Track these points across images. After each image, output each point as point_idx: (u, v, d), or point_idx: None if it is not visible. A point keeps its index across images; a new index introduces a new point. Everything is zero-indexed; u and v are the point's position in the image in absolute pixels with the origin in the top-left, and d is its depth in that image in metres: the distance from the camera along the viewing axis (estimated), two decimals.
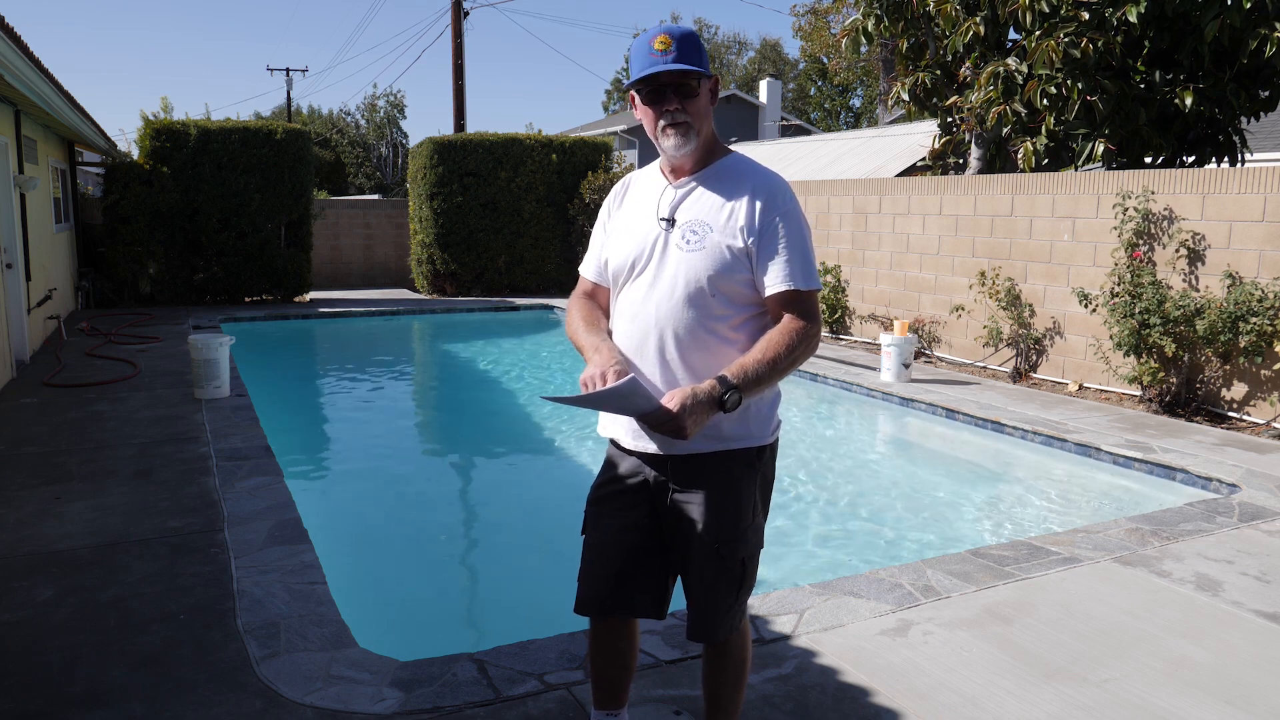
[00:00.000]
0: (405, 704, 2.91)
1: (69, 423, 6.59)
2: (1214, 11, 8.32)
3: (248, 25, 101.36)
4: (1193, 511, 4.93)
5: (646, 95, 2.18)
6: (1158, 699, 3.03)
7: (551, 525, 5.45)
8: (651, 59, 2.15)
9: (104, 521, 4.54)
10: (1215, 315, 6.87)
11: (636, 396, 2.00)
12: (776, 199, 2.19)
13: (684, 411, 1.99)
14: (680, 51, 2.14)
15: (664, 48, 2.14)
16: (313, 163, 14.76)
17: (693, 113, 2.17)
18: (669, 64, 2.13)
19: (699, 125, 2.19)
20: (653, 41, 2.15)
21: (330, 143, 49.40)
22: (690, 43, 2.16)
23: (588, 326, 2.33)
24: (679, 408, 1.99)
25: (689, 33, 2.18)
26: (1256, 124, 11.97)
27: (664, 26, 2.18)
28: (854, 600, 3.72)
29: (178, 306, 13.83)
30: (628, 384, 1.98)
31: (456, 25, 19.91)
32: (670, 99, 2.16)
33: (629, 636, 2.50)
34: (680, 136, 2.19)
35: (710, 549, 2.23)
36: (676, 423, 2.00)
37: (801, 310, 2.16)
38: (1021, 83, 9.45)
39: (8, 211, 8.75)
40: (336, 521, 5.36)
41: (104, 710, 2.87)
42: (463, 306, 14.56)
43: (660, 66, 2.14)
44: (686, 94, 2.16)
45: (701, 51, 2.18)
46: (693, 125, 2.18)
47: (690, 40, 2.17)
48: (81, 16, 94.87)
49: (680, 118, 2.17)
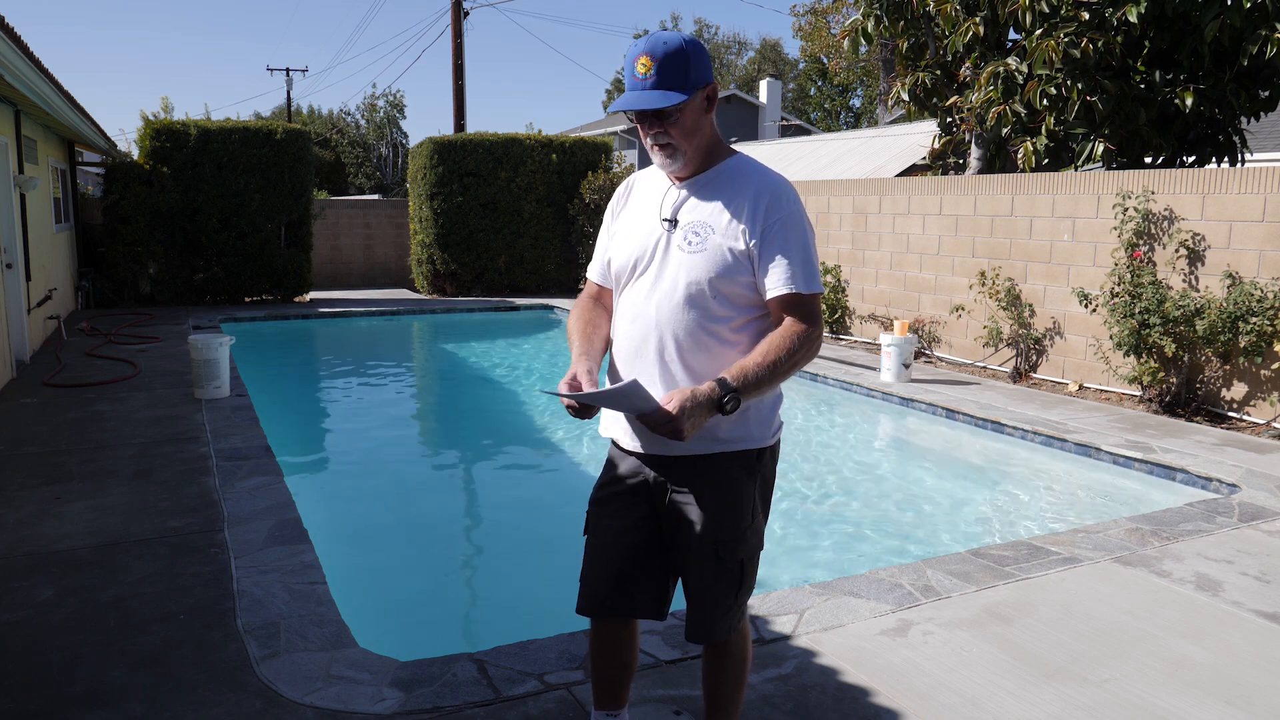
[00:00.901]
0: (405, 704, 2.91)
1: (69, 423, 6.59)
2: (1214, 11, 8.32)
3: (248, 25, 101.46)
4: (1193, 511, 4.93)
5: (632, 115, 2.18)
6: (1158, 699, 3.03)
7: (551, 525, 5.45)
8: (633, 81, 2.12)
9: (104, 521, 4.54)
10: (1215, 315, 6.87)
11: (636, 397, 2.01)
12: (780, 201, 2.18)
13: (683, 413, 1.98)
14: (660, 76, 2.09)
15: (645, 71, 2.10)
16: (313, 163, 14.76)
17: (676, 135, 2.14)
18: (645, 93, 2.10)
19: (685, 144, 2.16)
20: (635, 62, 2.11)
21: (330, 143, 49.41)
22: (672, 63, 2.09)
23: (580, 332, 2.35)
24: (678, 409, 1.99)
25: (673, 51, 2.10)
26: (1256, 124, 11.97)
27: (649, 41, 2.11)
28: (854, 600, 3.72)
29: (178, 306, 13.84)
30: (629, 384, 1.98)
31: (456, 25, 19.91)
32: (652, 124, 2.15)
33: (629, 637, 2.50)
34: (666, 156, 2.18)
35: (709, 550, 2.23)
36: (675, 424, 1.99)
37: (803, 314, 2.15)
38: (1021, 83, 9.45)
39: (8, 211, 8.75)
40: (336, 521, 5.36)
41: (104, 710, 2.87)
42: (463, 306, 14.56)
43: (634, 98, 2.11)
44: (667, 118, 2.13)
45: (686, 70, 2.11)
46: (678, 146, 2.16)
47: (673, 60, 2.09)
48: (81, 16, 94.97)
49: (663, 139, 2.15)
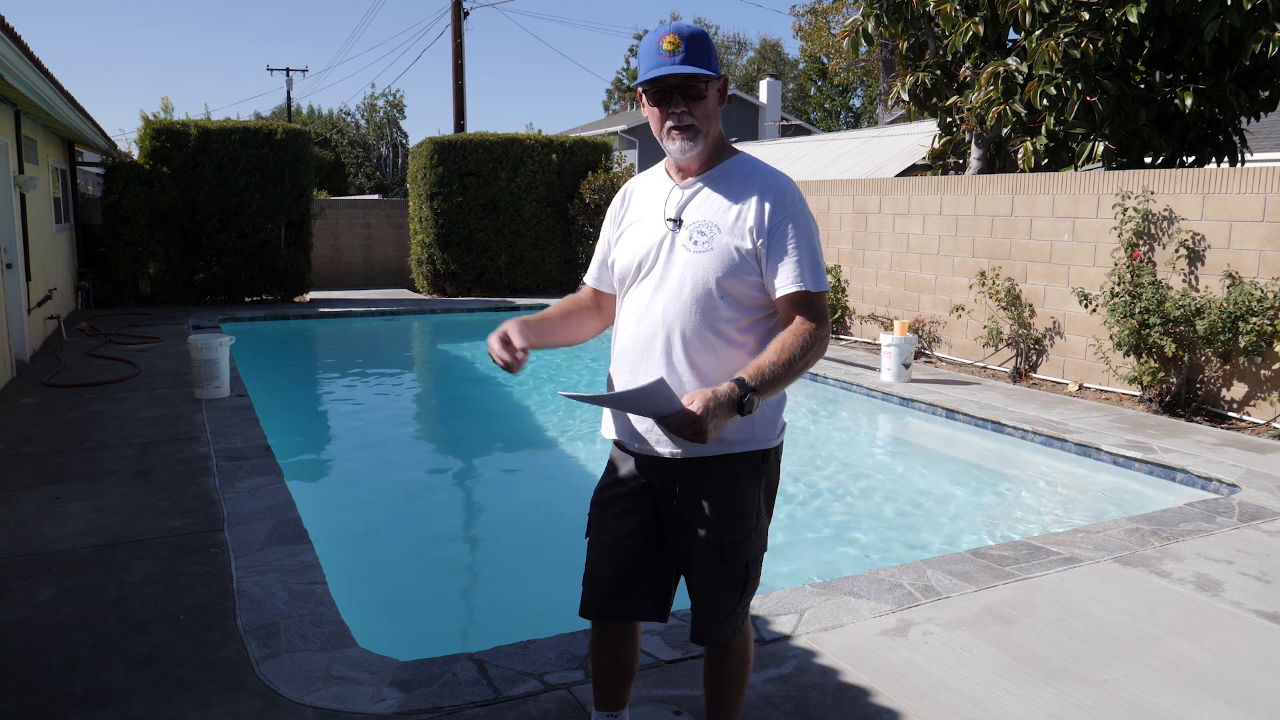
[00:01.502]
0: (405, 704, 2.91)
1: (69, 423, 6.59)
2: (1214, 11, 8.32)
3: (248, 25, 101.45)
4: (1193, 511, 4.93)
5: (653, 96, 2.16)
6: (1158, 699, 3.03)
7: (551, 525, 5.45)
8: (659, 59, 2.12)
9: (104, 521, 4.54)
10: (1215, 315, 6.87)
11: (660, 397, 1.96)
12: (786, 200, 2.17)
13: (706, 414, 1.94)
14: (689, 52, 2.11)
15: (672, 48, 2.10)
16: (313, 163, 14.76)
17: (699, 115, 2.15)
18: (676, 66, 2.10)
19: (706, 128, 2.17)
20: (661, 41, 2.12)
21: (330, 143, 49.39)
22: (699, 43, 2.13)
23: (550, 310, 2.42)
24: (701, 410, 1.94)
25: (699, 32, 2.14)
26: (1256, 124, 11.97)
27: (674, 25, 2.15)
28: (854, 600, 3.72)
29: (178, 306, 13.84)
30: (655, 384, 1.94)
31: (456, 25, 19.91)
32: (677, 101, 2.14)
33: (631, 639, 2.49)
34: (687, 140, 2.16)
35: (714, 552, 2.22)
36: (698, 425, 1.95)
37: (812, 312, 2.15)
38: (1021, 83, 9.45)
39: (8, 211, 8.75)
40: (336, 521, 5.36)
41: (104, 710, 2.87)
42: (463, 306, 14.56)
43: (667, 69, 2.11)
44: (694, 96, 2.13)
45: (711, 52, 2.15)
46: (699, 128, 2.15)
47: (699, 40, 2.13)
48: (81, 16, 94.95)
49: (687, 120, 2.14)
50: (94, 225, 14.11)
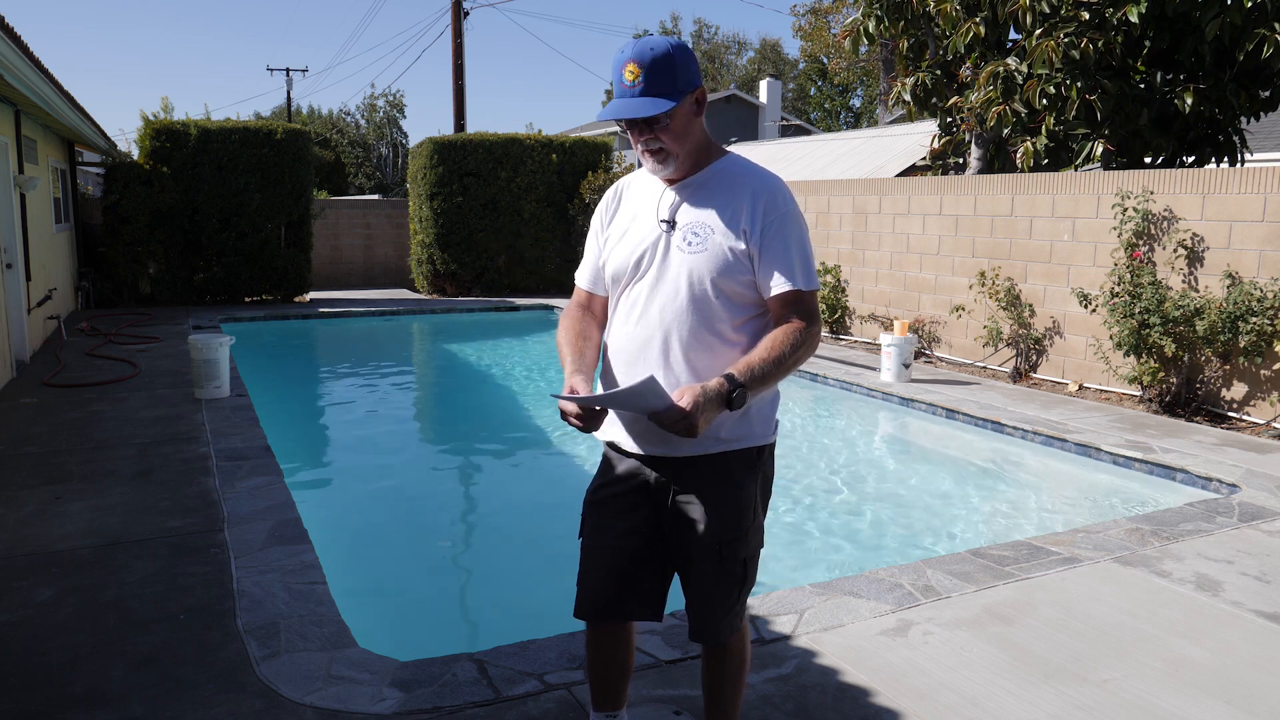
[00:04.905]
0: (405, 704, 2.91)
1: (69, 423, 6.59)
2: (1214, 11, 8.32)
3: (248, 25, 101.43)
4: (1193, 511, 4.93)
5: (622, 122, 2.19)
6: (1158, 699, 3.03)
7: (551, 525, 5.45)
8: (621, 89, 2.13)
9: (104, 521, 4.54)
10: (1215, 315, 6.87)
11: (651, 394, 2.00)
12: (777, 200, 2.20)
13: (696, 409, 1.99)
14: (648, 82, 2.09)
15: (632, 79, 2.10)
16: (313, 163, 14.76)
17: (667, 139, 2.15)
18: (632, 99, 2.10)
19: (676, 148, 2.17)
20: (623, 69, 2.11)
21: (330, 143, 49.39)
22: (660, 67, 2.09)
23: (570, 345, 2.34)
24: (691, 405, 1.99)
25: (660, 56, 2.10)
26: (1256, 124, 11.96)
27: (635, 48, 2.11)
28: (854, 600, 3.72)
29: (178, 306, 13.84)
30: (645, 382, 1.98)
31: (456, 25, 19.91)
32: (643, 130, 2.15)
33: (626, 639, 2.50)
34: (657, 161, 2.19)
35: (712, 550, 2.23)
36: (689, 421, 1.99)
37: (803, 311, 2.18)
38: (1021, 83, 9.45)
39: (8, 211, 8.75)
40: (336, 521, 5.36)
41: (104, 710, 2.87)
42: (463, 306, 14.56)
43: (622, 106, 2.11)
44: (656, 124, 2.14)
45: (673, 75, 2.11)
46: (669, 150, 2.17)
47: (661, 64, 2.10)
48: (81, 16, 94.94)
49: (654, 145, 2.16)
50: (94, 225, 14.10)
